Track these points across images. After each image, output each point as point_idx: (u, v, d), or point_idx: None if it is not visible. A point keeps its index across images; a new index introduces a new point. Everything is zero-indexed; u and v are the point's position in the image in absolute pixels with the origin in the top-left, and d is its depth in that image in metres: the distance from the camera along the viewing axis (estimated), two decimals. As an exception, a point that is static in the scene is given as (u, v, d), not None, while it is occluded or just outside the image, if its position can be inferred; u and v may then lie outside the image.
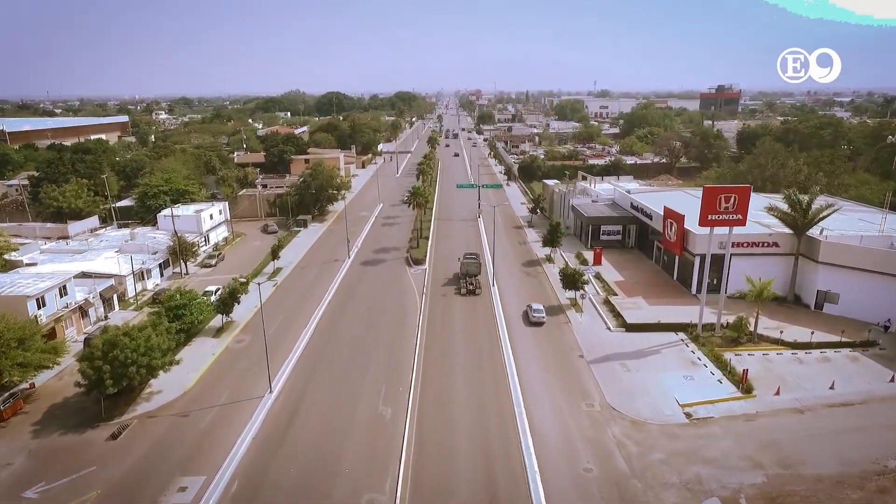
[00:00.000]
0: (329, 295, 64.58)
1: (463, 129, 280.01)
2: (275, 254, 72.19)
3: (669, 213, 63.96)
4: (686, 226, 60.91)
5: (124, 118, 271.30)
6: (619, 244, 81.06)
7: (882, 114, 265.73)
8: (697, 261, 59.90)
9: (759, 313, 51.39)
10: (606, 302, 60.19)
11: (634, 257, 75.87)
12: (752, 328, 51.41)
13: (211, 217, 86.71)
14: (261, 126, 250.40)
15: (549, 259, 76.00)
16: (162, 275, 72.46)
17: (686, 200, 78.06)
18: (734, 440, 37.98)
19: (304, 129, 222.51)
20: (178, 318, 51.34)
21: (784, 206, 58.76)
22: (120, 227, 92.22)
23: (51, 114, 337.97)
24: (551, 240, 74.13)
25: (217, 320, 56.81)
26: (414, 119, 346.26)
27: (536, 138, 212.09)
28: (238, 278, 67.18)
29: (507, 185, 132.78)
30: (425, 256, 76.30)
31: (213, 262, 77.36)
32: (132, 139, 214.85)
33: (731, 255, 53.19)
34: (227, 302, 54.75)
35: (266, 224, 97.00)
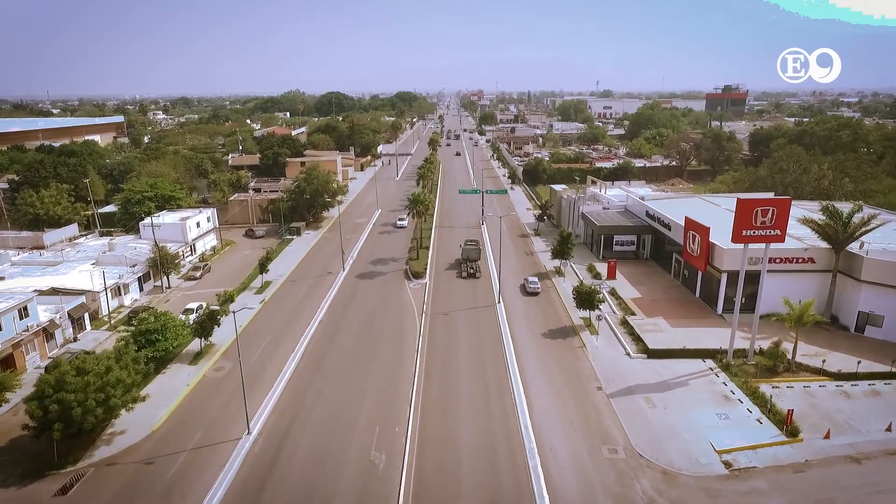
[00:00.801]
0: (320, 314, 59.23)
1: (465, 130, 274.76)
2: (263, 267, 66.85)
3: (692, 225, 58.56)
4: (711, 239, 55.48)
5: (120, 118, 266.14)
6: (634, 255, 75.71)
7: (893, 114, 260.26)
8: (724, 278, 54.54)
9: (797, 338, 46.03)
10: (624, 323, 54.80)
11: (650, 270, 70.46)
12: (789, 355, 46.04)
13: (198, 225, 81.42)
14: (259, 127, 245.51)
15: (558, 272, 70.64)
16: (141, 289, 67.20)
17: (706, 209, 72.77)
18: (784, 498, 32.60)
19: (303, 129, 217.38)
20: (151, 344, 46.05)
21: (819, 217, 53.42)
22: (102, 234, 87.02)
23: (47, 114, 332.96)
24: (561, 252, 68.80)
25: (195, 344, 51.49)
26: (415, 119, 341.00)
27: (540, 139, 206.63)
28: (222, 294, 62.05)
29: (511, 188, 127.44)
30: (425, 269, 70.89)
31: (198, 274, 72.09)
32: (125, 140, 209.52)
33: (765, 272, 47.65)
34: (206, 325, 49.39)
35: (251, 228, 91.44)
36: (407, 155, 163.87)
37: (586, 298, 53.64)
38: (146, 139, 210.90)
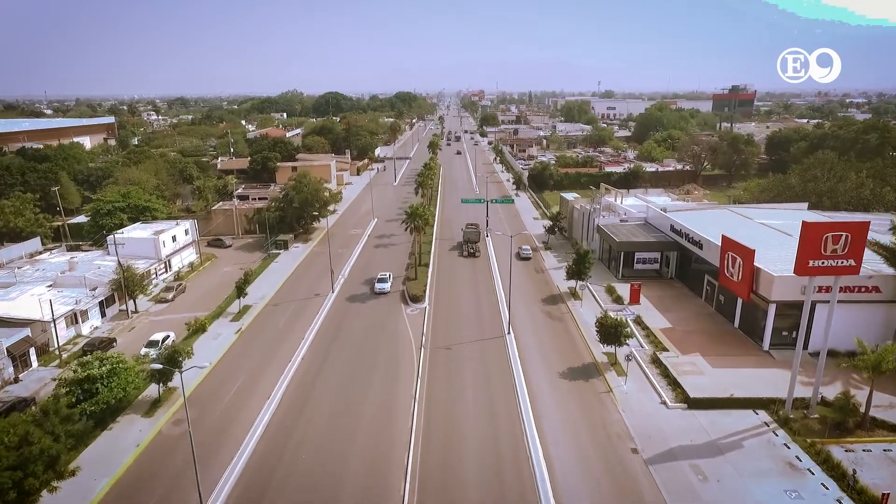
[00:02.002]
0: (302, 348, 51.45)
1: (465, 131, 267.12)
2: (241, 290, 59.06)
3: (731, 246, 50.83)
4: (758, 264, 47.77)
5: (110, 119, 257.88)
6: (657, 274, 68.06)
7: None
8: (772, 309, 46.84)
9: (871, 387, 38.32)
10: (655, 361, 47.09)
11: (677, 293, 62.72)
12: (862, 408, 38.35)
13: (174, 239, 73.68)
14: (253, 128, 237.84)
15: (574, 294, 62.91)
16: (104, 314, 59.49)
17: (739, 224, 65.07)
18: None
19: (298, 131, 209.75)
20: (91, 396, 38.32)
21: (886, 238, 45.80)
22: (69, 249, 79.34)
23: (39, 114, 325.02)
24: (578, 272, 61.11)
25: (154, 388, 43.72)
26: (414, 120, 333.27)
27: (544, 142, 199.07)
28: (192, 323, 54.34)
29: (517, 195, 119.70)
30: (424, 291, 63.03)
31: (171, 296, 64.33)
32: (113, 142, 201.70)
33: (834, 308, 39.90)
34: (164, 370, 41.60)
35: (218, 237, 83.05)
36: (405, 159, 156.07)
37: (612, 333, 45.94)
38: (135, 141, 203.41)
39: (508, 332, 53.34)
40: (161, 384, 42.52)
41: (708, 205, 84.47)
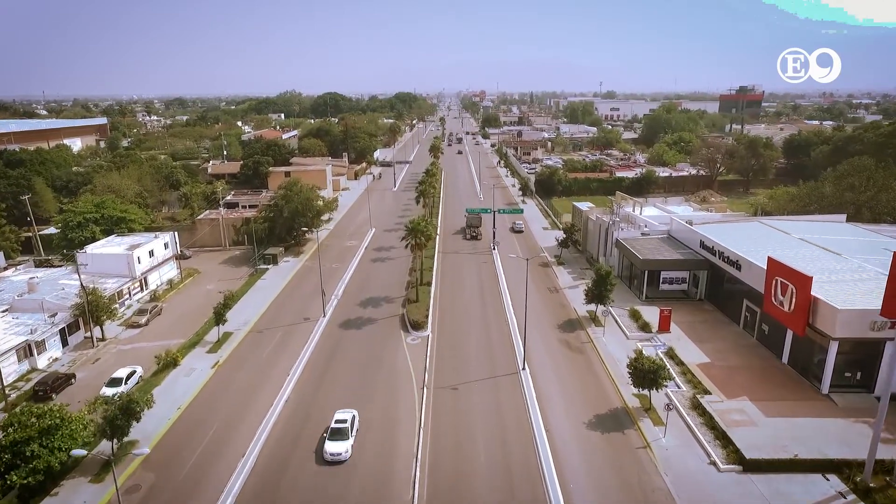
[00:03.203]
0: (288, 387, 44.73)
1: (467, 133, 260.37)
2: (220, 316, 52.28)
3: (781, 270, 44.15)
4: (816, 293, 41.08)
5: (103, 120, 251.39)
6: (684, 294, 61.38)
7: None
8: (835, 347, 40.12)
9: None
10: (697, 406, 40.38)
11: (710, 317, 55.99)
12: (957, 477, 31.67)
13: (151, 254, 67.03)
14: (249, 129, 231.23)
15: (594, 319, 56.20)
16: (66, 343, 52.78)
17: (778, 240, 58.32)
18: None
19: (295, 132, 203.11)
20: (24, 462, 31.58)
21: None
22: (38, 265, 72.72)
23: (32, 114, 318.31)
24: (599, 294, 54.38)
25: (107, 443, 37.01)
26: (415, 121, 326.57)
27: (549, 144, 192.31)
28: (162, 356, 47.63)
29: (523, 202, 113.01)
30: (427, 316, 56.17)
31: (144, 319, 57.65)
32: (102, 145, 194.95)
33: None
34: (118, 423, 34.80)
35: (182, 251, 75.84)
36: (405, 163, 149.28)
37: (647, 377, 39.19)
38: (125, 143, 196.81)
39: (524, 368, 46.61)
40: (115, 440, 35.73)
41: (733, 216, 77.88)
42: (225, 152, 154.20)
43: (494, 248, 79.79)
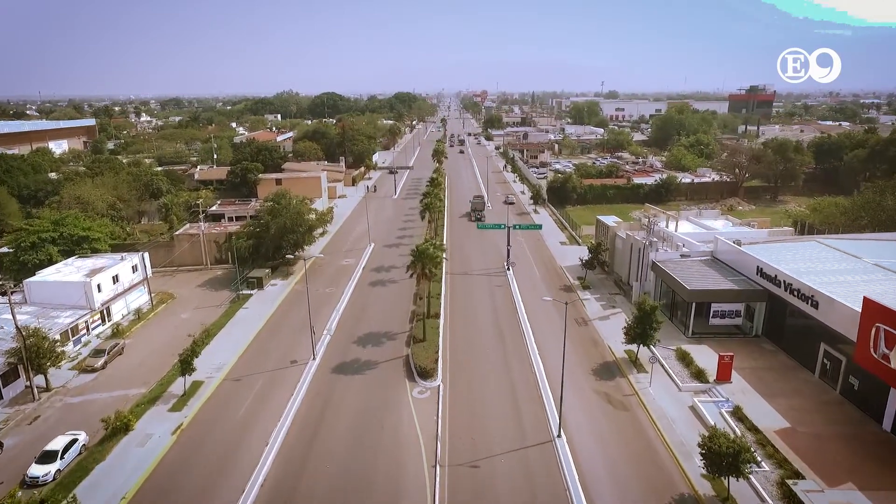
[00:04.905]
0: (265, 464, 35.58)
1: (469, 134, 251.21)
2: (187, 364, 43.09)
3: (884, 315, 35.12)
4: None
5: (91, 122, 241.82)
6: (737, 330, 52.40)
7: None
8: (969, 421, 31.14)
9: None
10: (788, 495, 31.35)
11: (774, 361, 46.96)
12: None
13: (115, 280, 57.95)
14: (243, 131, 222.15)
15: (634, 362, 47.20)
16: (0, 397, 43.68)
17: (850, 267, 49.32)
18: None
19: (290, 134, 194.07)
20: None
21: None
22: (-12, 289, 63.40)
23: (21, 115, 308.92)
24: (642, 334, 45.42)
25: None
26: (415, 122, 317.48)
27: (556, 146, 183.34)
28: (109, 419, 38.57)
29: (535, 211, 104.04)
30: (436, 361, 46.91)
31: (100, 362, 48.50)
32: (86, 149, 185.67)
33: None
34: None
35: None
36: (406, 168, 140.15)
37: (727, 463, 30.12)
38: (111, 145, 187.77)
39: (559, 435, 37.53)
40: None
41: (779, 231, 68.80)
42: (215, 156, 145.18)
43: (509, 269, 70.75)
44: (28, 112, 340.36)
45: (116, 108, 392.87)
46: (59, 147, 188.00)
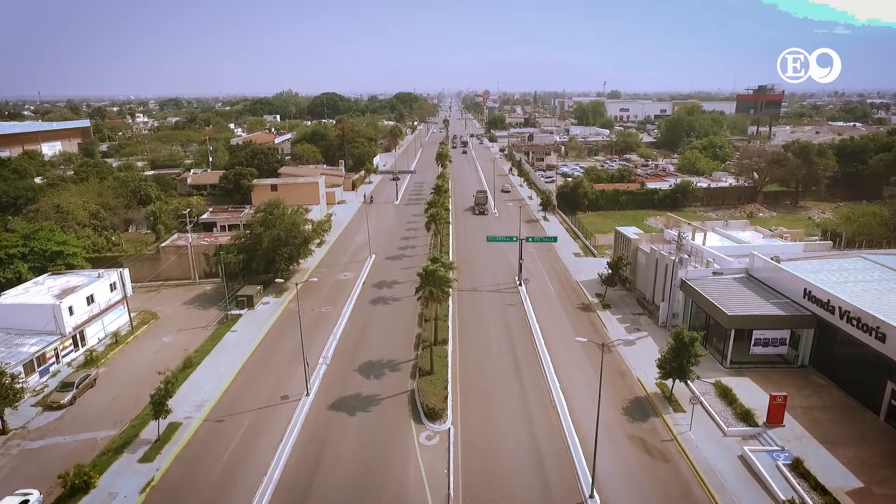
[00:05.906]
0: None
1: (472, 136, 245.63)
2: (160, 406, 37.58)
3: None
4: None
5: (86, 123, 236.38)
6: (781, 359, 46.93)
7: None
8: None
9: None
10: (877, 583, 25.92)
11: (828, 398, 41.45)
12: None
13: (90, 301, 52.60)
14: (241, 132, 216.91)
15: (668, 398, 41.76)
16: (-51, 441, 38.30)
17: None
18: None
19: (289, 136, 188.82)
20: None
21: None
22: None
23: (15, 116, 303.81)
24: (679, 370, 39.96)
25: None
26: (416, 123, 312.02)
27: (562, 148, 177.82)
28: (68, 475, 33.15)
29: (545, 218, 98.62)
30: (446, 399, 41.42)
31: (68, 397, 43.12)
32: (76, 152, 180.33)
33: None
34: None
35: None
36: (408, 172, 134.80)
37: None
38: (104, 147, 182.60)
39: (591, 496, 32.06)
40: None
41: (817, 244, 63.39)
42: (210, 159, 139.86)
43: (521, 285, 65.30)
44: (24, 113, 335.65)
45: (114, 109, 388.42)
46: (51, 149, 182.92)
